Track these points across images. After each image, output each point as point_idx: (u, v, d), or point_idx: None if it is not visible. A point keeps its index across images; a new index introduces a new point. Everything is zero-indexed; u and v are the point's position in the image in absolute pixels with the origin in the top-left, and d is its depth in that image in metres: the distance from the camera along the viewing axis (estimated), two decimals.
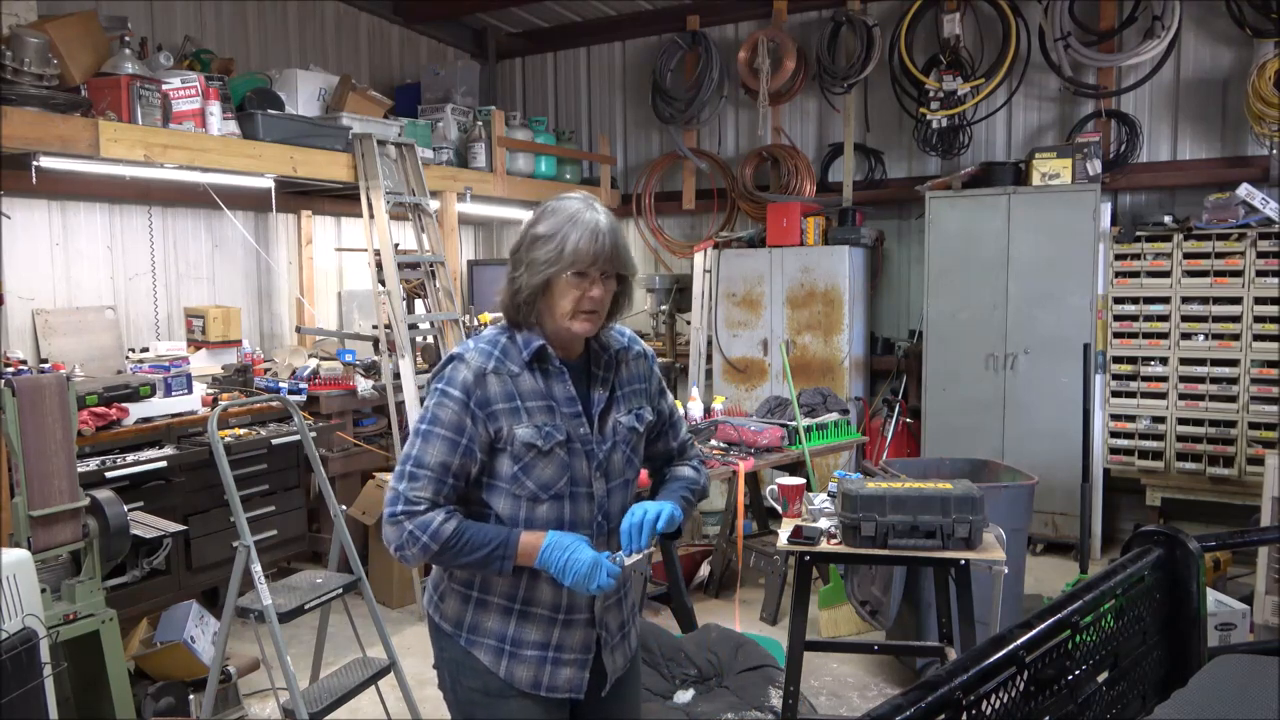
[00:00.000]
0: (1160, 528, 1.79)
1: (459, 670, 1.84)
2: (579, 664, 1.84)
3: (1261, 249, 4.95)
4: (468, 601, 1.84)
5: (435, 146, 5.71)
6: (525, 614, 1.82)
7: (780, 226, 6.22)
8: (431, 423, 1.76)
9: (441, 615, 1.87)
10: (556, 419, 1.78)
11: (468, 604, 1.84)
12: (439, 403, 1.76)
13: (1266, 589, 3.91)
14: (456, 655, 1.84)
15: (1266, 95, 5.05)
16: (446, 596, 1.87)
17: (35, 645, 2.34)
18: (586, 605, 1.83)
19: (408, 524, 1.72)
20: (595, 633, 1.86)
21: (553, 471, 1.77)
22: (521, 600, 1.81)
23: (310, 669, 3.46)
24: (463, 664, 1.83)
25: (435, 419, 1.75)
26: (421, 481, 1.73)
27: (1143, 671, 1.67)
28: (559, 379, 1.81)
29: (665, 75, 6.90)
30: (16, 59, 3.57)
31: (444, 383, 1.76)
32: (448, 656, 1.86)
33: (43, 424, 2.84)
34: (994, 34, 5.92)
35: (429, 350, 5.49)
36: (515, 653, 1.81)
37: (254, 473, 4.32)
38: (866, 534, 2.92)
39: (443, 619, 1.87)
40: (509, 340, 1.80)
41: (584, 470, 1.80)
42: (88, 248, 4.84)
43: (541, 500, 1.77)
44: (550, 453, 1.76)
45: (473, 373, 1.75)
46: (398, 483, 1.75)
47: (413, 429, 1.80)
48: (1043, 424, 5.44)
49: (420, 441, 1.76)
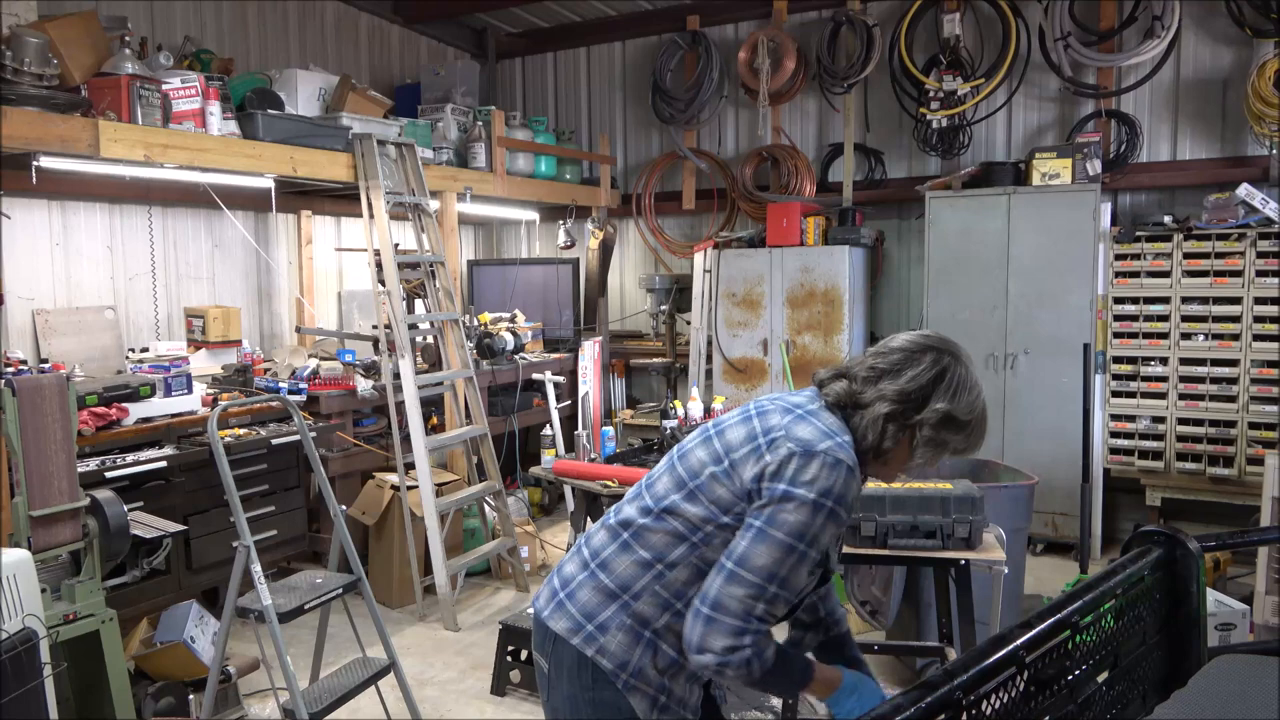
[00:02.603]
0: (1160, 528, 1.79)
1: (608, 712, 1.70)
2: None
3: (1261, 249, 4.95)
4: (639, 641, 1.70)
5: (435, 146, 5.70)
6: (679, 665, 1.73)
7: (780, 226, 6.21)
8: (810, 544, 1.60)
9: (600, 650, 1.70)
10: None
11: (638, 644, 1.70)
12: (828, 521, 1.61)
13: (1266, 589, 3.90)
14: (609, 698, 1.70)
15: (1266, 95, 5.05)
16: (611, 630, 1.71)
17: (35, 645, 2.34)
18: None
19: (750, 645, 1.59)
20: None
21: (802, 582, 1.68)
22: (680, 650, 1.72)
23: (310, 669, 3.47)
24: (617, 707, 1.70)
25: (815, 541, 1.60)
26: (780, 604, 1.62)
27: (1143, 671, 1.67)
28: None
29: (665, 75, 6.90)
30: (16, 59, 3.57)
31: (836, 500, 1.61)
32: (592, 697, 1.70)
33: (43, 424, 2.84)
34: (994, 34, 5.92)
35: (429, 350, 5.49)
36: (668, 704, 1.73)
37: (254, 473, 4.32)
38: (866, 534, 2.92)
39: (601, 654, 1.70)
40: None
41: (809, 584, 1.72)
42: (88, 248, 4.84)
43: None
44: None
45: (856, 492, 1.66)
46: (754, 597, 1.59)
47: (779, 535, 1.59)
48: (1043, 424, 5.44)
49: (793, 562, 1.59)
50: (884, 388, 1.69)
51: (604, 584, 1.73)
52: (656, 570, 1.70)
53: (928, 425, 1.68)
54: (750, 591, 1.59)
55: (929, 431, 1.68)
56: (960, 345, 1.77)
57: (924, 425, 1.68)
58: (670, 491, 1.73)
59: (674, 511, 1.70)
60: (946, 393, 1.68)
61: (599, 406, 6.78)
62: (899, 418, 1.68)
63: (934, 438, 1.69)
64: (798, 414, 1.69)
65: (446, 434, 5.12)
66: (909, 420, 1.68)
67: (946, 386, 1.68)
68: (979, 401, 1.71)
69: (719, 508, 1.67)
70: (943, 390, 1.68)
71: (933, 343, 1.74)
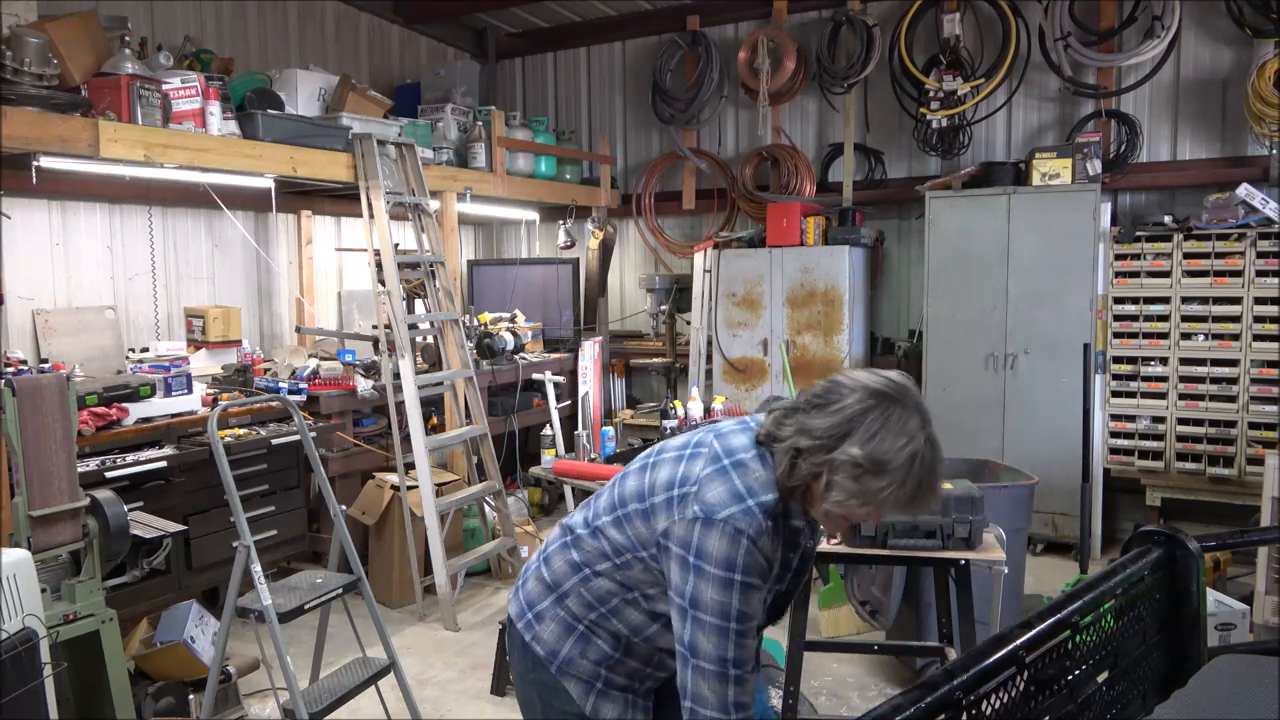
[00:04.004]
0: (1160, 528, 1.79)
1: (550, 693, 1.79)
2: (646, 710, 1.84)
3: (1261, 249, 4.95)
4: (570, 633, 1.77)
5: (435, 146, 5.70)
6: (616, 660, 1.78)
7: (780, 226, 6.21)
8: (740, 617, 1.56)
9: (535, 638, 1.80)
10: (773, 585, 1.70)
11: (569, 635, 1.77)
12: (745, 592, 1.56)
13: (1266, 589, 3.90)
14: (546, 679, 1.79)
15: (1266, 95, 5.05)
16: (546, 620, 1.79)
17: (35, 645, 2.34)
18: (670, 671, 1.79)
19: None
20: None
21: None
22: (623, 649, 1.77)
23: (310, 669, 3.47)
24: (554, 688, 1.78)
25: (743, 617, 1.57)
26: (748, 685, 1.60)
27: (1143, 671, 1.67)
28: (792, 549, 1.72)
29: (665, 75, 6.90)
30: (16, 59, 3.56)
31: (742, 571, 1.55)
32: (534, 679, 1.81)
33: (43, 424, 2.84)
34: (994, 34, 5.92)
35: (429, 350, 5.49)
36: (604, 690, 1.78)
37: (254, 473, 4.32)
38: (866, 534, 2.92)
39: (536, 641, 1.79)
40: (780, 508, 1.60)
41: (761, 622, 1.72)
42: (88, 248, 4.84)
43: None
44: None
45: (768, 560, 1.59)
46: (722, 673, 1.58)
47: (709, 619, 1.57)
48: (1043, 424, 5.44)
49: (736, 632, 1.57)
50: (803, 420, 1.57)
51: (544, 577, 1.82)
52: (584, 574, 1.76)
53: (840, 469, 1.52)
54: (715, 680, 1.58)
55: (840, 476, 1.52)
56: (918, 395, 1.57)
57: (835, 468, 1.52)
58: (604, 512, 1.76)
59: (603, 532, 1.74)
60: (864, 435, 1.50)
61: (599, 406, 6.78)
62: (808, 455, 1.54)
63: (847, 485, 1.52)
64: (721, 466, 1.61)
65: (446, 434, 5.12)
66: (817, 460, 1.54)
67: (867, 429, 1.50)
68: (910, 450, 1.50)
69: (638, 542, 1.68)
70: (861, 432, 1.51)
71: (880, 385, 1.55)
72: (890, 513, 1.57)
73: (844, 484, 1.52)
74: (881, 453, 1.50)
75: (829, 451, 1.52)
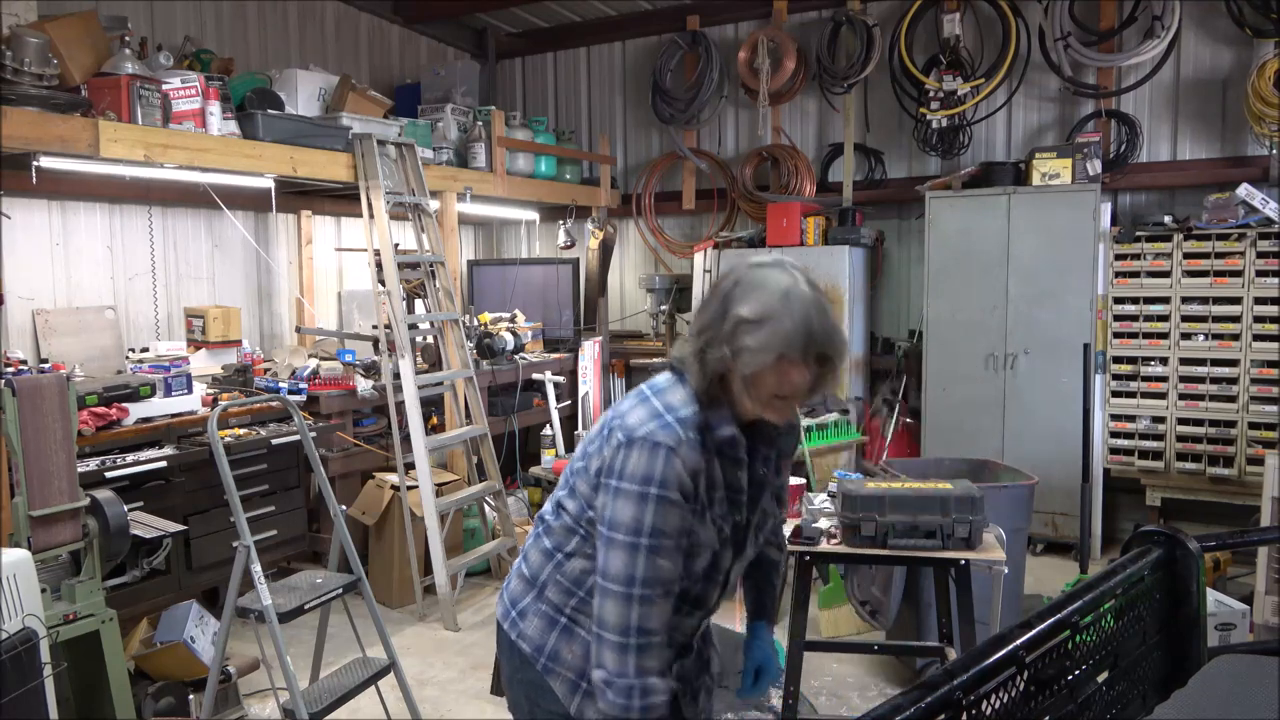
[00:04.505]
0: (1160, 528, 1.79)
1: (537, 693, 1.75)
2: None
3: (1261, 249, 4.95)
4: (554, 626, 1.73)
5: (435, 146, 5.70)
6: None
7: (780, 226, 6.21)
8: (654, 535, 1.53)
9: (520, 635, 1.77)
10: (728, 510, 1.65)
11: (553, 629, 1.73)
12: (661, 508, 1.53)
13: (1266, 589, 3.90)
14: (533, 679, 1.75)
15: (1266, 95, 5.05)
16: (529, 616, 1.76)
17: (35, 645, 2.34)
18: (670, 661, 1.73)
19: (634, 677, 1.54)
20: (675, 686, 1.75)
21: (706, 563, 1.65)
22: None
23: (310, 669, 3.47)
24: (541, 687, 1.74)
25: (658, 532, 1.53)
26: (655, 605, 1.55)
27: (1143, 671, 1.67)
28: (738, 467, 1.66)
29: (665, 75, 6.90)
30: (16, 59, 3.56)
31: (659, 484, 1.53)
32: (521, 678, 1.77)
33: (43, 424, 2.84)
34: (994, 34, 5.92)
35: (429, 350, 5.49)
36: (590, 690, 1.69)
37: (254, 473, 4.32)
38: (866, 534, 2.92)
39: (521, 639, 1.76)
40: (702, 419, 1.59)
41: (728, 562, 1.70)
42: (88, 248, 4.84)
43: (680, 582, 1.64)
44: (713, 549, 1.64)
45: (690, 471, 1.55)
46: (624, 605, 1.53)
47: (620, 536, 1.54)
48: (1043, 424, 5.43)
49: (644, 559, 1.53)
50: (695, 324, 1.62)
51: (524, 572, 1.81)
52: (556, 560, 1.73)
53: (736, 335, 1.54)
54: (618, 602, 1.54)
55: (739, 342, 1.54)
56: (786, 260, 1.62)
57: (732, 336, 1.55)
58: (561, 486, 1.77)
59: (563, 506, 1.74)
60: (742, 298, 1.56)
61: (599, 406, 6.78)
62: (709, 346, 1.57)
63: (746, 344, 1.53)
64: (642, 395, 1.64)
65: (446, 434, 5.12)
66: (717, 342, 1.56)
67: (742, 293, 1.56)
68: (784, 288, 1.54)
69: (587, 502, 1.66)
70: (738, 297, 1.56)
71: (744, 264, 1.63)
72: (802, 363, 1.54)
73: (744, 345, 1.54)
74: (762, 302, 1.54)
75: (721, 327, 1.56)
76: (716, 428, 1.60)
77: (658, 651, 1.57)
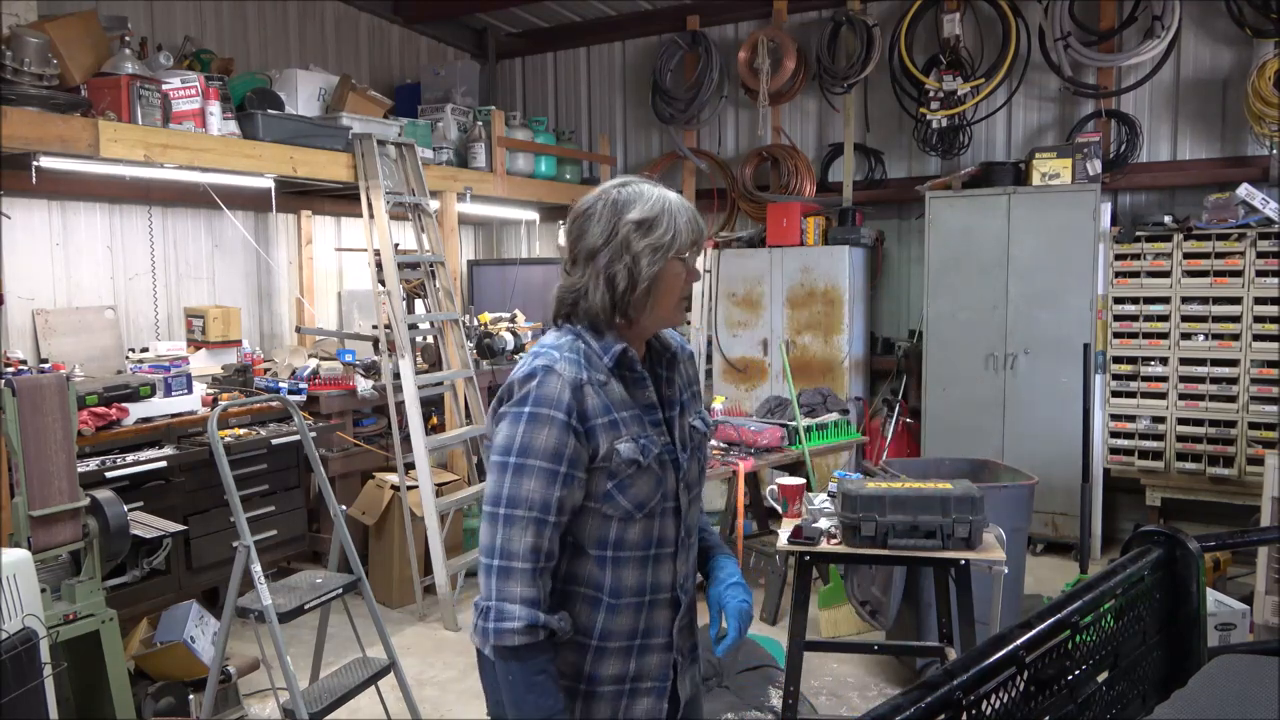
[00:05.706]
0: (1160, 528, 1.78)
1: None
2: (657, 692, 1.70)
3: (1261, 249, 4.95)
4: None
5: (435, 146, 5.70)
6: (601, 650, 1.64)
7: (780, 226, 6.22)
8: (522, 454, 1.53)
9: None
10: (647, 429, 1.63)
11: None
12: (532, 426, 1.53)
13: (1266, 589, 3.91)
14: None
15: (1266, 95, 5.05)
16: None
17: (35, 645, 2.34)
18: (665, 628, 1.70)
19: (511, 603, 1.51)
20: (672, 656, 1.71)
21: (649, 488, 1.62)
22: (599, 635, 1.64)
23: (310, 669, 3.46)
24: None
25: (528, 450, 1.53)
26: (518, 527, 1.52)
27: (1143, 671, 1.67)
28: (641, 385, 1.66)
29: (665, 75, 6.90)
30: (16, 59, 3.57)
31: (533, 403, 1.54)
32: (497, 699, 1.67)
33: (43, 424, 2.84)
34: (994, 34, 5.92)
35: (429, 350, 5.49)
36: (591, 691, 1.64)
37: (254, 473, 4.32)
38: (866, 534, 2.92)
39: None
40: (586, 345, 1.62)
41: (672, 484, 1.66)
42: (88, 248, 4.84)
43: (635, 520, 1.61)
44: (648, 467, 1.61)
45: (569, 386, 1.55)
46: (492, 526, 1.53)
47: (494, 458, 1.56)
48: (1043, 424, 5.43)
49: (510, 478, 1.53)
50: (575, 259, 1.65)
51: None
52: None
53: (633, 240, 1.60)
54: (486, 522, 1.55)
55: (635, 246, 1.60)
56: (640, 177, 1.72)
57: (629, 244, 1.60)
58: None
59: None
60: (627, 208, 1.61)
61: None
62: (609, 263, 1.60)
63: (643, 244, 1.59)
64: (533, 351, 1.67)
65: (446, 434, 5.12)
66: (615, 256, 1.60)
67: (625, 205, 1.62)
68: (658, 193, 1.65)
69: None
70: (623, 208, 1.62)
71: (604, 184, 1.69)
72: (689, 251, 1.66)
73: (641, 246, 1.60)
74: (646, 206, 1.62)
75: (614, 239, 1.60)
76: (606, 349, 1.62)
77: (521, 577, 1.53)
